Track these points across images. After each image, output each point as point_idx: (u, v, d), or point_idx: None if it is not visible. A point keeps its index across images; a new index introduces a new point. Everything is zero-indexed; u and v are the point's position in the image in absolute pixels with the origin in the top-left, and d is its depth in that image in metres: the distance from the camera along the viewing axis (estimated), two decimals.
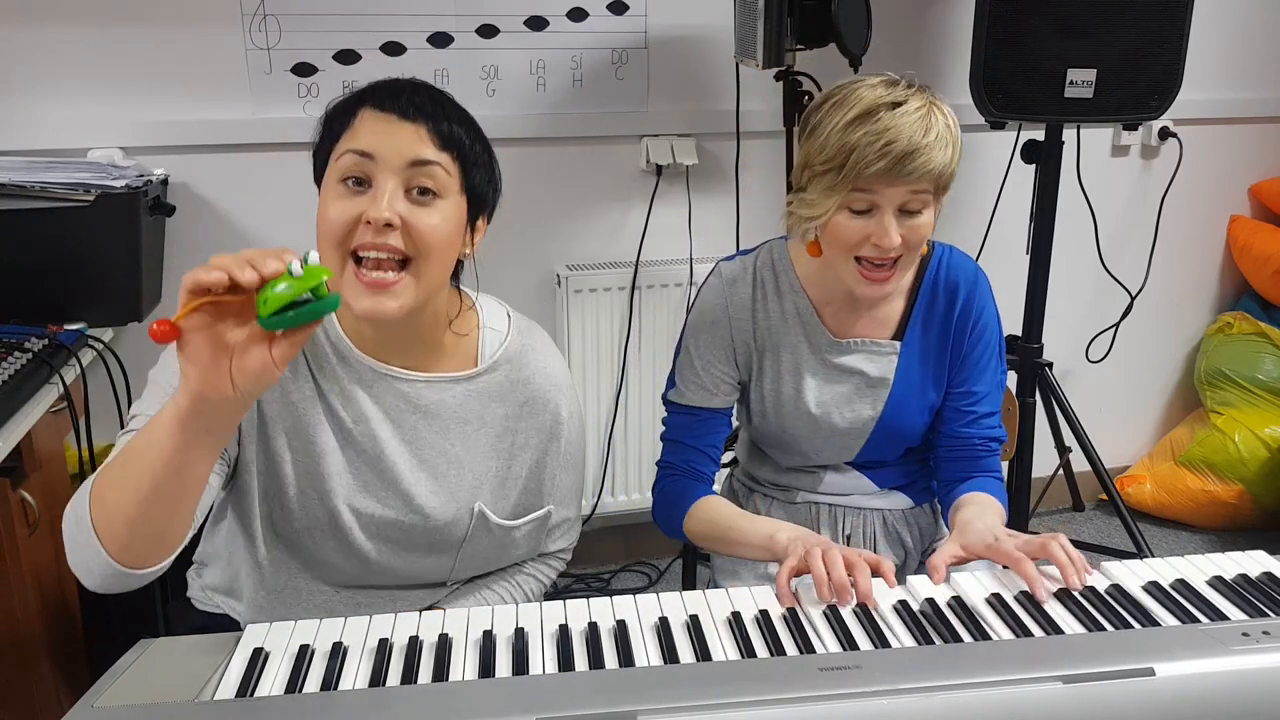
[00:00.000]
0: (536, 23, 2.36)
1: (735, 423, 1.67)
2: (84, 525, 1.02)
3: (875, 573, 1.20)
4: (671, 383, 1.55)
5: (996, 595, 1.16)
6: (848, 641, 1.08)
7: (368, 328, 1.23)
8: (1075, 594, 1.17)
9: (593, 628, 1.10)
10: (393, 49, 2.29)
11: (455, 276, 1.28)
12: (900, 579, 1.21)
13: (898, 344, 1.49)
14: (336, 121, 1.18)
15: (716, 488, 1.54)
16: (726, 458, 1.64)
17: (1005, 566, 1.23)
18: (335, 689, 1.01)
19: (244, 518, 1.29)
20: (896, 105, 1.28)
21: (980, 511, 1.37)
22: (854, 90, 1.32)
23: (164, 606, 1.55)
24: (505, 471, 1.32)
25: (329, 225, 1.13)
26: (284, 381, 1.22)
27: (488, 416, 1.30)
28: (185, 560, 1.48)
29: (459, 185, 1.18)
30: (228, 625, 1.38)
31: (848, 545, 1.54)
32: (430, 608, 1.37)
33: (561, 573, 1.43)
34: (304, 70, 2.24)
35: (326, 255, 1.13)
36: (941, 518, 1.61)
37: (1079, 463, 2.65)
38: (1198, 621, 1.10)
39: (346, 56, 2.26)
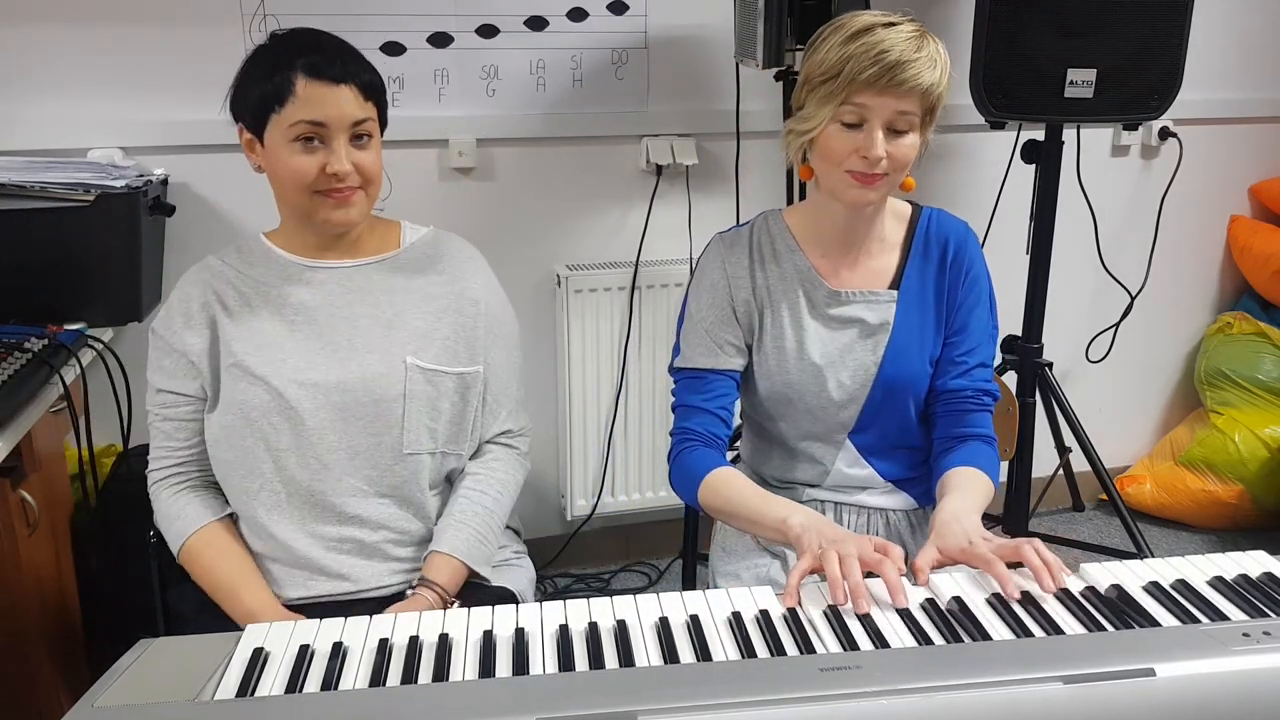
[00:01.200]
0: (536, 23, 2.37)
1: (738, 420, 1.67)
2: (172, 543, 1.48)
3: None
4: (677, 350, 1.58)
5: (996, 595, 1.16)
6: (848, 641, 1.08)
7: (310, 235, 1.49)
8: (1075, 594, 1.17)
9: (593, 628, 1.10)
10: (393, 49, 2.29)
11: None
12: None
13: (895, 293, 1.53)
14: (269, 81, 1.41)
15: None
16: (729, 455, 1.64)
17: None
18: (335, 689, 1.01)
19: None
20: (891, 25, 1.38)
21: (958, 510, 1.36)
22: (853, 16, 1.41)
23: (164, 594, 1.57)
24: (429, 330, 1.50)
25: (297, 177, 1.41)
26: (237, 310, 1.47)
27: (411, 286, 1.52)
28: None
29: (378, 121, 1.47)
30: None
31: None
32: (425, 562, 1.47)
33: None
34: None
35: (293, 197, 1.43)
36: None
37: (1079, 463, 2.65)
38: (1198, 622, 1.10)
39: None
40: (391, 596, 1.46)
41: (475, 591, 1.49)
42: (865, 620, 1.12)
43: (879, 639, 1.08)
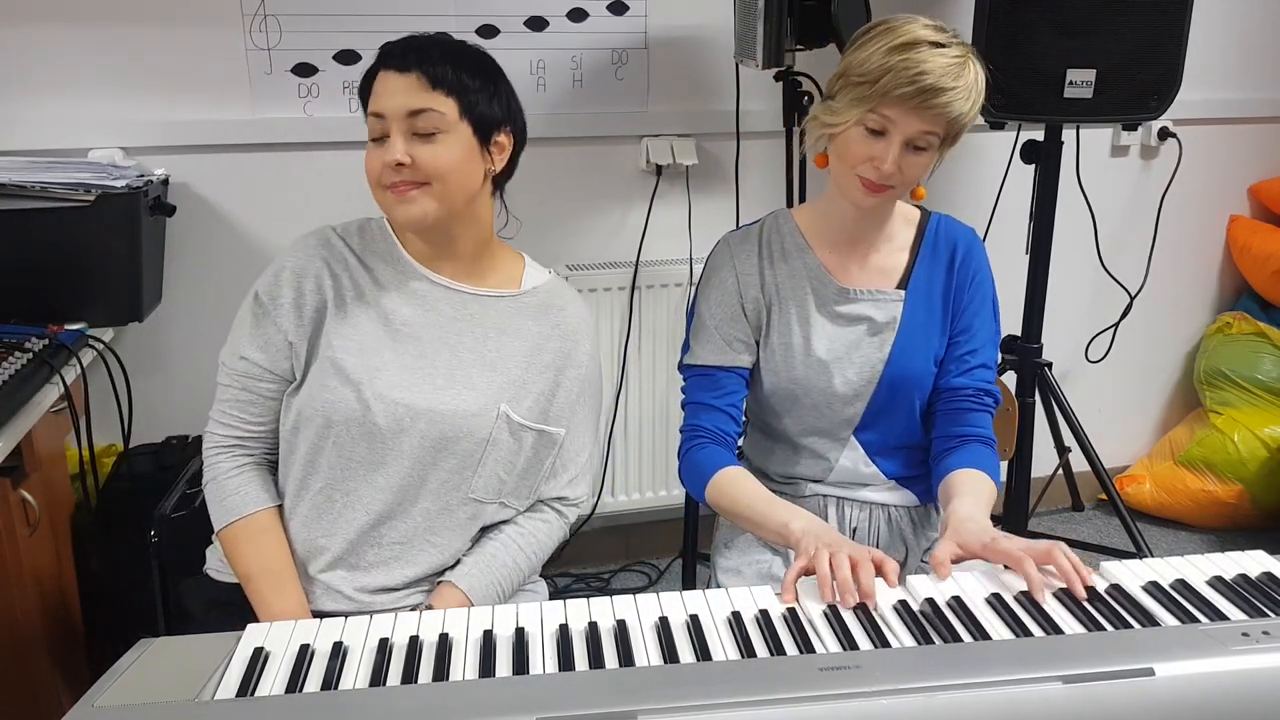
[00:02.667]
0: (536, 23, 2.37)
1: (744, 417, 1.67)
2: (217, 518, 1.43)
3: (879, 571, 1.21)
4: (686, 348, 1.59)
5: (996, 595, 1.16)
6: (848, 641, 1.08)
7: (424, 244, 1.45)
8: (1079, 597, 1.17)
9: (593, 628, 1.10)
10: None
11: (499, 190, 1.52)
12: (900, 577, 1.22)
13: (902, 292, 1.54)
14: (366, 88, 1.42)
15: None
16: None
17: (1006, 566, 1.23)
18: (335, 689, 1.01)
19: (292, 426, 1.44)
20: (938, 45, 1.37)
21: (972, 507, 1.37)
22: (905, 23, 1.40)
23: (173, 586, 1.56)
24: (528, 382, 1.46)
25: (368, 175, 1.39)
26: (349, 302, 1.43)
27: (523, 331, 1.48)
28: (204, 538, 1.49)
29: (458, 115, 1.38)
30: (239, 597, 1.41)
31: (853, 538, 1.55)
32: (440, 580, 1.44)
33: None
34: (304, 70, 2.24)
35: (374, 195, 1.40)
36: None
37: (1078, 463, 2.65)
38: (1197, 621, 1.10)
39: (347, 56, 2.25)
40: None
41: None
42: (865, 620, 1.12)
43: (879, 639, 1.08)
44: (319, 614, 1.41)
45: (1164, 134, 2.84)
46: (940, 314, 1.55)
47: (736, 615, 1.12)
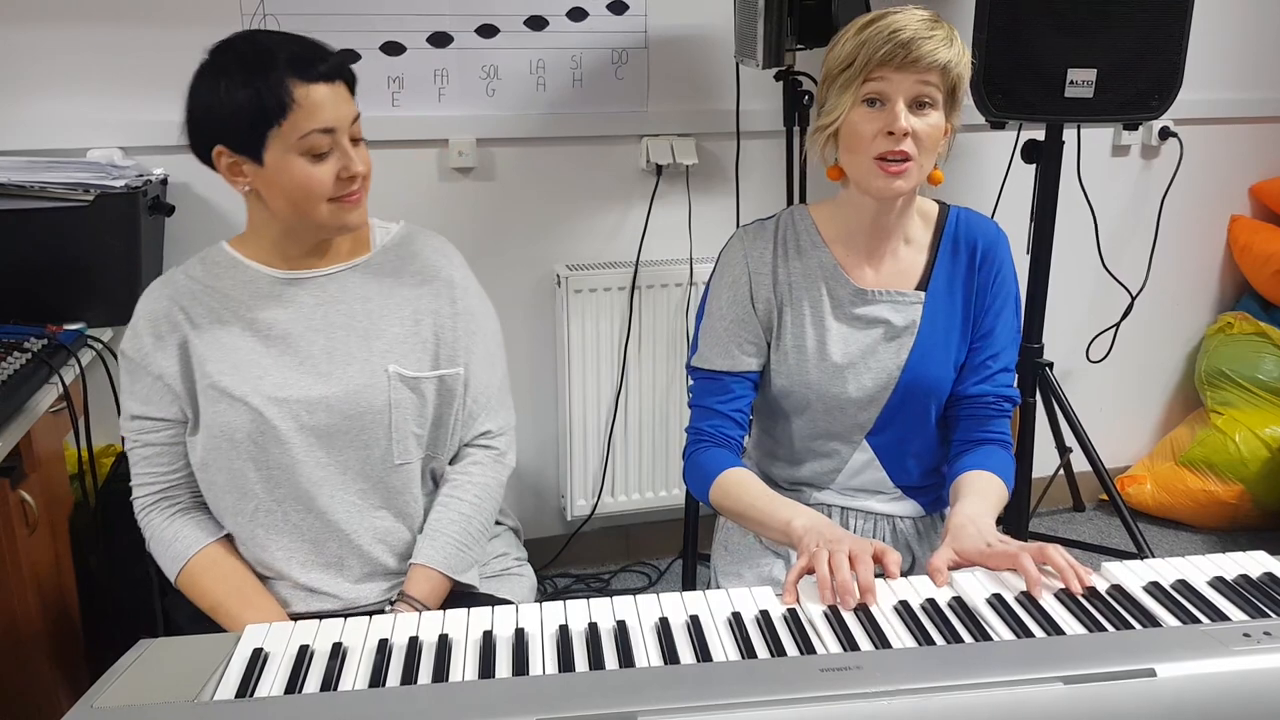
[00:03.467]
0: (536, 23, 2.37)
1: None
2: (168, 570, 1.43)
3: (879, 562, 1.21)
4: (695, 348, 1.57)
5: (996, 595, 1.16)
6: (848, 642, 1.08)
7: (293, 246, 1.43)
8: (1076, 594, 1.17)
9: (593, 628, 1.10)
10: (392, 49, 2.29)
11: None
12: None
13: (922, 294, 1.52)
14: (256, 94, 1.31)
15: None
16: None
17: (1010, 569, 1.23)
18: (335, 689, 1.01)
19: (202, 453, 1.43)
20: (903, 10, 1.39)
21: (975, 508, 1.37)
22: (869, 15, 1.42)
23: (163, 600, 1.56)
24: (408, 335, 1.47)
25: (313, 189, 1.34)
26: (209, 328, 1.41)
27: (386, 289, 1.48)
28: None
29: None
30: None
31: None
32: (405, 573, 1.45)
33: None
34: None
35: (308, 209, 1.36)
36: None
37: (1079, 463, 2.65)
38: (1199, 622, 1.10)
39: (346, 57, 2.25)
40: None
41: (473, 601, 1.48)
42: (866, 620, 1.11)
43: (879, 639, 1.08)
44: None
45: (1165, 134, 2.84)
46: (961, 317, 1.52)
47: (737, 616, 1.12)
